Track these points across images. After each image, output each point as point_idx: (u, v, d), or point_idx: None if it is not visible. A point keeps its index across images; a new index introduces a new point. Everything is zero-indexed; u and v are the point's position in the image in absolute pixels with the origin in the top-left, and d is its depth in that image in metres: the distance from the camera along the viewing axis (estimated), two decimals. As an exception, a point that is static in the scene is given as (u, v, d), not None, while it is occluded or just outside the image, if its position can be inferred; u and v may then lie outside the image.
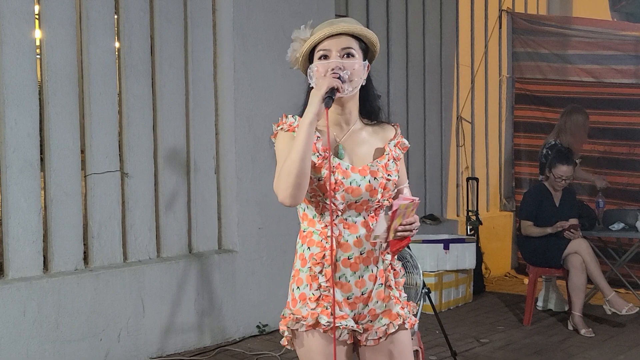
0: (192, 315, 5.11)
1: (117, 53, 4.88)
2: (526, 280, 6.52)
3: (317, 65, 2.36)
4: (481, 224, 7.19)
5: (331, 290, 2.34)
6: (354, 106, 2.44)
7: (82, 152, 4.72)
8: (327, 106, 2.28)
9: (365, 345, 2.44)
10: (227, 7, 5.30)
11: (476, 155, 8.00)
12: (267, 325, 5.44)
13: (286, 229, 5.55)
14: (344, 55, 2.36)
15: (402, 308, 2.46)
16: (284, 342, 2.46)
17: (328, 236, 2.34)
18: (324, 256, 2.35)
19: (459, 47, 7.75)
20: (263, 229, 5.47)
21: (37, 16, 4.56)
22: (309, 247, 2.38)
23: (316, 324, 2.35)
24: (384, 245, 2.37)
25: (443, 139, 7.54)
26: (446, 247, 6.28)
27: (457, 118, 7.75)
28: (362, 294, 2.40)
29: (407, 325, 2.46)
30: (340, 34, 2.37)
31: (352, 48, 2.37)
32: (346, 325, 2.37)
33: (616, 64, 7.31)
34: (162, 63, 5.04)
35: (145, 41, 4.96)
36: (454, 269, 6.34)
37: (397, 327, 2.43)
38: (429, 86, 7.35)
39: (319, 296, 2.35)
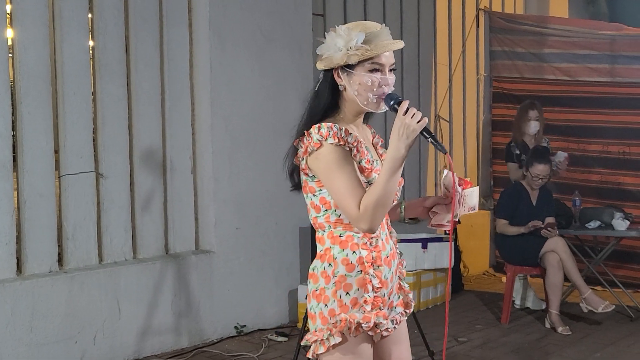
0: (169, 316, 5.07)
1: (91, 52, 4.83)
2: (504, 279, 6.53)
3: (371, 78, 2.39)
4: (459, 222, 7.21)
5: (382, 291, 2.40)
6: None
7: (56, 152, 4.66)
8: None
9: (382, 337, 2.48)
10: (203, 5, 5.27)
11: (454, 154, 8.02)
12: (244, 326, 5.41)
13: (264, 229, 5.54)
14: (390, 71, 2.42)
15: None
16: (315, 351, 2.37)
17: (371, 237, 2.39)
18: (372, 258, 2.39)
19: (436, 46, 7.75)
20: (240, 229, 5.44)
21: (8, 15, 4.50)
22: (353, 251, 2.37)
23: (374, 327, 2.37)
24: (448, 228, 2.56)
25: (421, 138, 7.51)
26: (424, 246, 6.28)
27: (435, 117, 7.76)
28: (391, 289, 2.47)
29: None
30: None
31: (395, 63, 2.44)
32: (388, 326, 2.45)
33: (591, 63, 7.34)
34: (137, 62, 5.00)
35: (120, 40, 4.92)
36: (432, 268, 6.35)
37: (408, 314, 2.57)
38: (406, 85, 7.35)
39: (373, 298, 2.38)
